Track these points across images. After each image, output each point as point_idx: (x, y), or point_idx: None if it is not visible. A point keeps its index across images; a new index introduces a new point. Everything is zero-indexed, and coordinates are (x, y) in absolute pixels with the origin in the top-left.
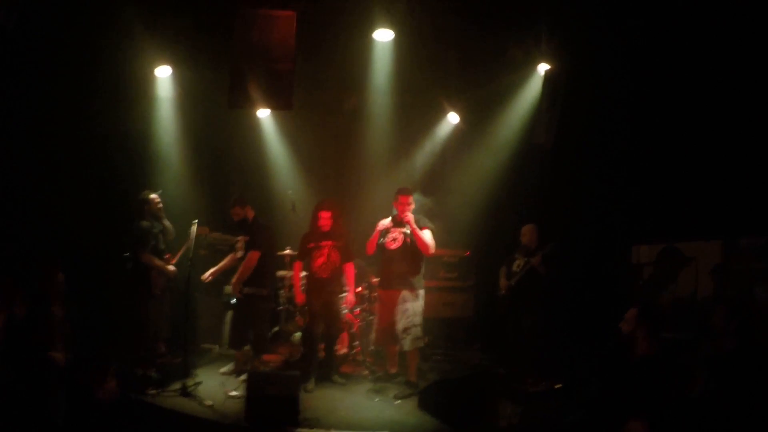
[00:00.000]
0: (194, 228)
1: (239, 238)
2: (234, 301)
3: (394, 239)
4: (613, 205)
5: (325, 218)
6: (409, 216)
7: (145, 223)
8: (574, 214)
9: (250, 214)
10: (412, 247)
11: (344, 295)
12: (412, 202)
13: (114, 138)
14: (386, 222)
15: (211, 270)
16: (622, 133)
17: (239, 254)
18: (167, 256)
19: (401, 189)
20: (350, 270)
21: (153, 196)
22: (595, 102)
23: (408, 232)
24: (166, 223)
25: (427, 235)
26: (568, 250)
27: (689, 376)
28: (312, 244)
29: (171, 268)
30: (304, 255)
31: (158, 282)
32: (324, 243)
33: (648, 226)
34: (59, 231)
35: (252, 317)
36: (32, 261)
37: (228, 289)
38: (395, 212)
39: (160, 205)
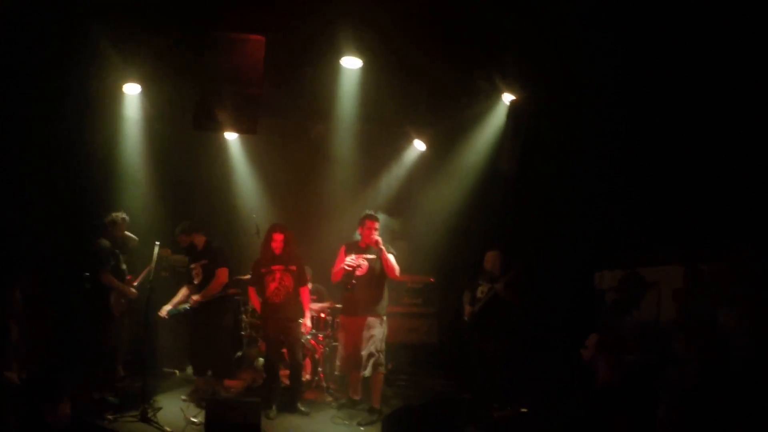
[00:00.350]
0: (156, 249)
1: (193, 265)
2: (185, 309)
3: (359, 266)
4: (575, 231)
5: (278, 240)
6: (379, 239)
7: (105, 242)
8: (538, 240)
9: (200, 240)
10: (377, 273)
11: (302, 320)
12: (374, 226)
13: (79, 156)
14: (352, 256)
15: (167, 307)
16: (584, 160)
17: (197, 280)
18: (129, 277)
19: (368, 215)
20: (305, 295)
21: (122, 217)
22: (558, 131)
23: (373, 257)
24: (128, 233)
25: (395, 263)
26: (531, 277)
27: (655, 400)
28: (263, 269)
29: (132, 290)
30: (256, 281)
31: (118, 303)
32: (275, 267)
33: (611, 251)
34: (19, 248)
35: (213, 338)
36: None
37: (170, 309)
38: (358, 237)
39: (125, 231)
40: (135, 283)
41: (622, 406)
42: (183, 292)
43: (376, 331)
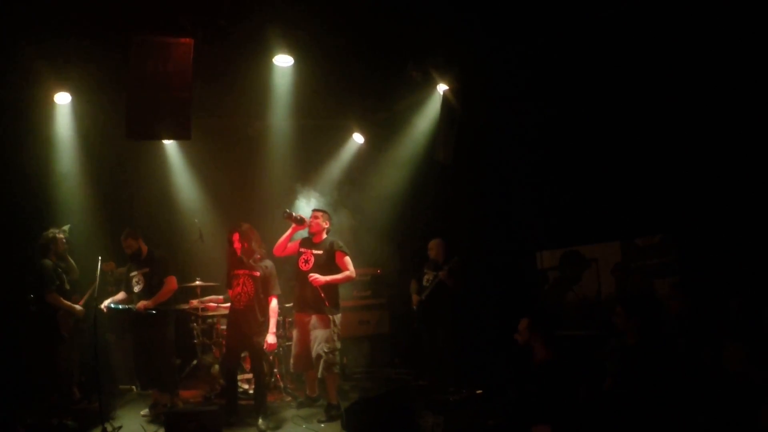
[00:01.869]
0: (99, 265)
1: (134, 273)
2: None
3: (306, 261)
4: (514, 215)
5: (236, 240)
6: (316, 277)
7: (48, 262)
8: (478, 225)
9: (144, 247)
10: (323, 269)
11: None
12: (321, 218)
13: (12, 173)
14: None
15: (106, 301)
16: (518, 145)
17: (137, 288)
18: (74, 297)
19: (315, 208)
20: (273, 305)
21: (59, 234)
22: (491, 117)
23: (320, 252)
24: (71, 261)
25: (347, 264)
26: (474, 262)
27: (599, 372)
28: (232, 272)
29: (78, 308)
30: (228, 284)
31: (66, 323)
32: (239, 271)
33: (549, 232)
34: None
35: (155, 352)
36: None
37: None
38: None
39: (66, 245)
40: (81, 302)
41: (560, 385)
42: (121, 295)
43: (320, 333)
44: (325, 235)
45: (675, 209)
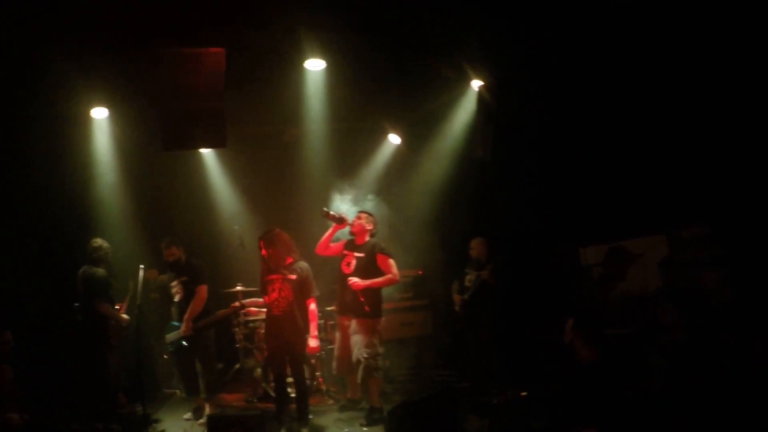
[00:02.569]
0: (141, 273)
1: (173, 283)
2: (185, 342)
3: (348, 263)
4: (556, 211)
5: (262, 249)
6: (355, 281)
7: (102, 271)
8: (520, 223)
9: (183, 255)
10: (365, 272)
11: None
12: (365, 220)
13: (53, 185)
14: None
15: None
16: (558, 141)
17: (177, 297)
18: (117, 305)
19: (361, 210)
20: (312, 308)
21: (105, 243)
22: (529, 112)
23: (362, 255)
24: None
25: (390, 267)
26: (517, 260)
27: (644, 372)
28: (267, 278)
29: (125, 317)
30: (262, 291)
31: (115, 332)
32: (273, 277)
33: (593, 227)
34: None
35: (200, 355)
36: None
37: (170, 336)
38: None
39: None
40: (123, 309)
41: (605, 386)
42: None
43: (360, 337)
44: (368, 238)
45: (723, 199)
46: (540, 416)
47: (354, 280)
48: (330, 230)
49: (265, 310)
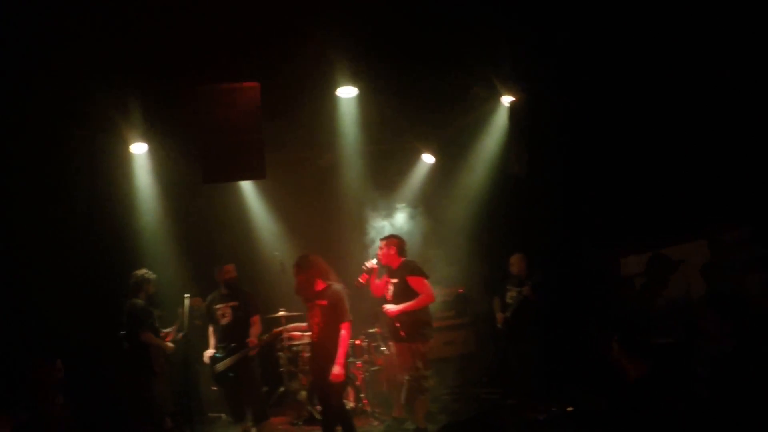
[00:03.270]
0: (187, 301)
1: (220, 305)
2: (231, 373)
3: (388, 290)
4: (594, 222)
5: (294, 275)
6: (387, 308)
7: (139, 302)
8: (558, 237)
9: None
10: (402, 297)
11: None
12: (385, 246)
13: (96, 217)
14: (372, 263)
15: (208, 352)
16: (592, 152)
17: (224, 321)
18: (162, 333)
19: (381, 238)
20: (342, 334)
21: (149, 275)
22: (563, 125)
23: (396, 280)
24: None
25: (423, 286)
26: (557, 275)
27: (693, 382)
28: (306, 304)
29: (169, 345)
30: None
31: (158, 360)
32: (309, 303)
33: (632, 236)
34: (50, 318)
35: (247, 382)
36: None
37: (219, 366)
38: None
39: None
40: (168, 339)
41: (659, 396)
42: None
43: (400, 359)
44: (401, 259)
45: (763, 199)
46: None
47: (387, 307)
48: (371, 276)
49: (308, 333)
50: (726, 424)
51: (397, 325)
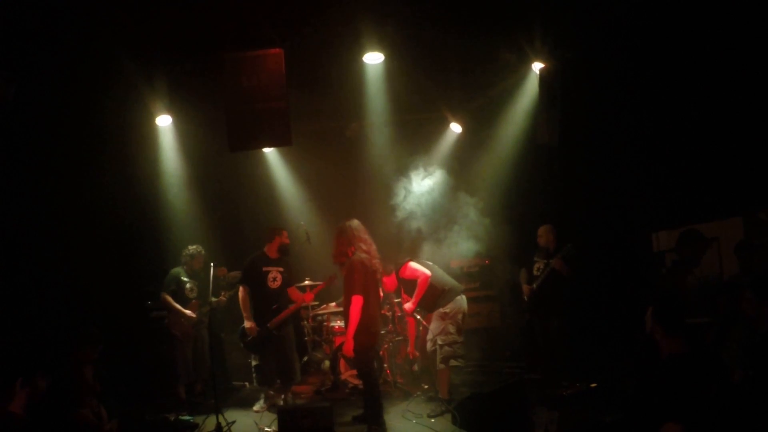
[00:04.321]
0: (212, 270)
1: (269, 269)
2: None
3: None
4: (626, 195)
5: None
6: (407, 306)
7: (176, 270)
8: (589, 209)
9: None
10: (408, 293)
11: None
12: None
13: (123, 190)
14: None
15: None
16: (626, 122)
17: (274, 285)
18: (195, 302)
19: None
20: (353, 306)
21: (196, 251)
22: (595, 94)
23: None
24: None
25: (414, 271)
26: (587, 247)
27: (726, 364)
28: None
29: (188, 312)
30: None
31: (178, 324)
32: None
33: (664, 211)
34: (82, 290)
35: (283, 348)
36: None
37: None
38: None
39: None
40: (195, 308)
41: (691, 380)
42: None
43: (432, 326)
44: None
45: None
46: (612, 410)
47: (406, 306)
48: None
49: (333, 303)
50: (759, 408)
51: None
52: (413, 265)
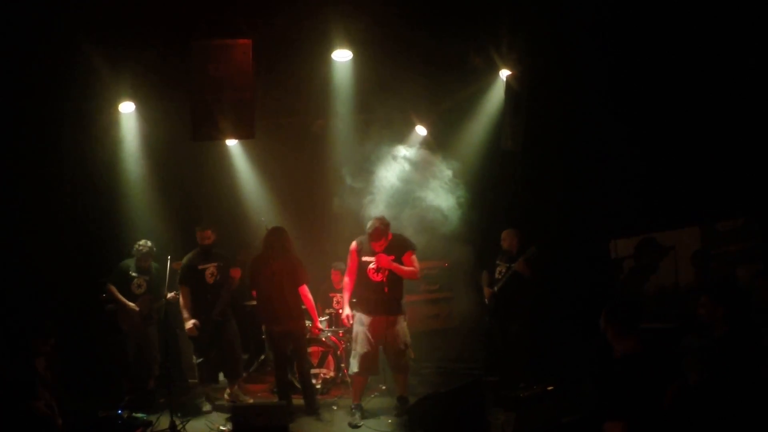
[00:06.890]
0: (168, 264)
1: (205, 266)
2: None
3: (377, 271)
4: (586, 203)
5: None
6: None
7: (126, 262)
8: (549, 215)
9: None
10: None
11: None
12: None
13: (82, 179)
14: (360, 242)
15: (191, 321)
16: (589, 131)
17: (212, 280)
18: (147, 297)
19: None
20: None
21: (143, 246)
22: (559, 102)
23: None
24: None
25: (413, 262)
26: (549, 252)
27: (677, 368)
28: None
29: (131, 305)
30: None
31: (125, 318)
32: None
33: (623, 219)
34: (39, 281)
35: (227, 342)
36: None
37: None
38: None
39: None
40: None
41: (637, 380)
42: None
43: (399, 328)
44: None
45: (758, 190)
46: (568, 411)
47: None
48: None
49: None
50: (714, 410)
51: (386, 291)
52: (415, 257)
